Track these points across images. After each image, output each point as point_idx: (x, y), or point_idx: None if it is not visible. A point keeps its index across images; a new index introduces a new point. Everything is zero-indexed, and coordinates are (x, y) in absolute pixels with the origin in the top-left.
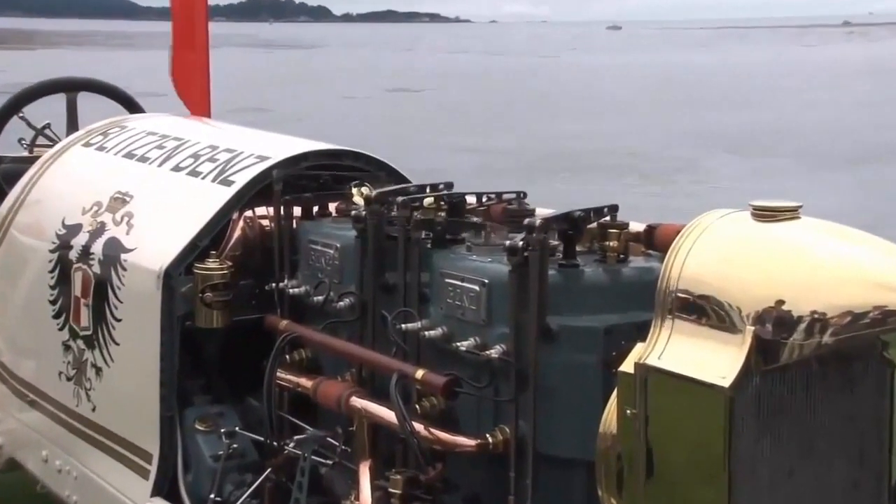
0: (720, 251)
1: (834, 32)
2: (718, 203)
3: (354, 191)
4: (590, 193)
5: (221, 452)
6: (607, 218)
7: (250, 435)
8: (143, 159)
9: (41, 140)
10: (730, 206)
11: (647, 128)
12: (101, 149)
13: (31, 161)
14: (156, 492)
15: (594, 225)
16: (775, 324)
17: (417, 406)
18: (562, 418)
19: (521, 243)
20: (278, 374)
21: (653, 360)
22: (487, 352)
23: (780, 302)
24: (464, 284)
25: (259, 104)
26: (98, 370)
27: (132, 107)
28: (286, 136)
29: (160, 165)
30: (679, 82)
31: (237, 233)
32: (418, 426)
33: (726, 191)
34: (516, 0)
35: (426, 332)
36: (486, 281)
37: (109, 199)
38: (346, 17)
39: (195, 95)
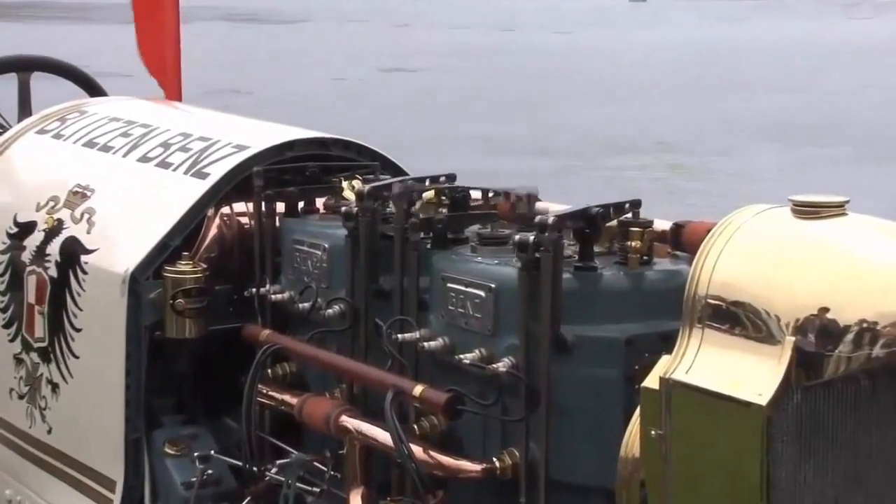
0: (756, 252)
1: (890, 3)
2: (758, 198)
3: (345, 184)
4: (610, 187)
5: (194, 479)
6: (629, 215)
7: (227, 459)
8: (105, 148)
9: None
10: (772, 202)
11: (676, 113)
12: (57, 136)
13: None
14: None
15: (614, 223)
16: (819, 334)
17: (416, 426)
18: (578, 440)
19: (531, 238)
20: (259, 390)
21: (680, 375)
22: (494, 365)
23: (825, 309)
24: (468, 290)
25: (237, 86)
26: (55, 387)
27: (93, 89)
28: (268, 123)
29: (125, 155)
30: (712, 62)
31: (213, 231)
32: (416, 449)
33: (767, 184)
34: None
35: (425, 344)
36: (493, 286)
37: (68, 194)
38: None
39: (163, 76)
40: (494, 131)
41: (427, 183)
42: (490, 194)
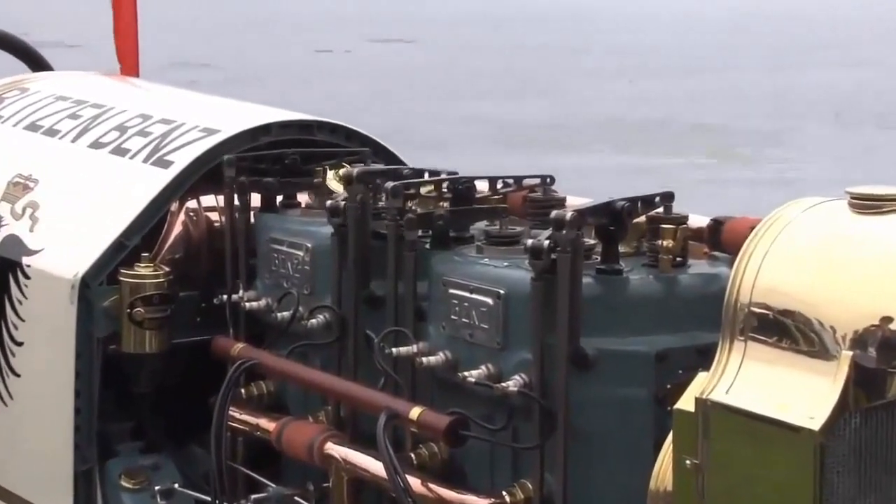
0: (807, 253)
1: None
2: (811, 190)
3: (330, 174)
4: (640, 176)
5: None
6: (660, 209)
7: (194, 494)
8: (51, 132)
9: None
10: (826, 194)
11: (717, 90)
12: None
13: None
14: None
15: (642, 219)
16: (880, 347)
17: (413, 455)
18: (601, 470)
19: (547, 242)
20: (231, 413)
21: (719, 395)
22: (503, 384)
23: (888, 319)
24: (473, 296)
25: (205, 58)
26: None
27: (35, 63)
28: (241, 103)
29: (74, 141)
30: (758, 30)
31: (177, 229)
32: (414, 481)
33: (822, 173)
34: None
35: (424, 359)
36: (502, 292)
37: (7, 185)
38: None
39: (118, 46)
40: (505, 114)
41: (426, 174)
42: (499, 185)
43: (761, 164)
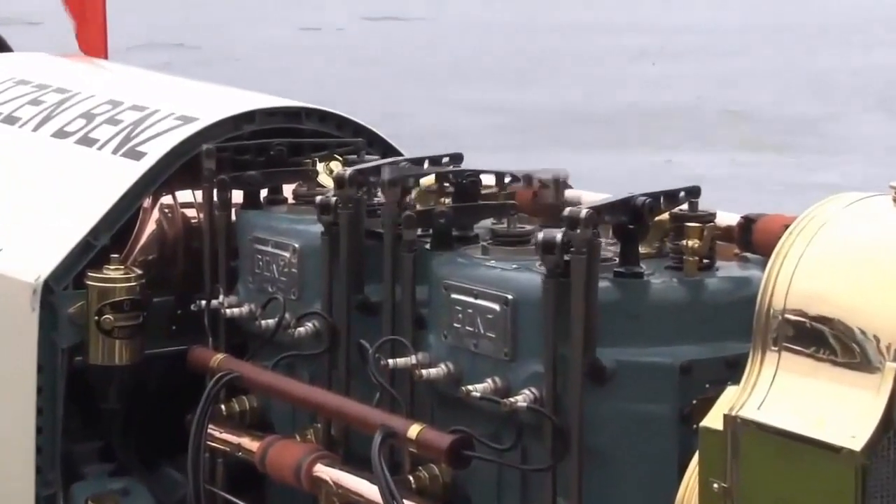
0: (847, 254)
1: None
2: (854, 185)
3: (320, 167)
4: (663, 169)
5: None
6: (684, 206)
7: None
8: (10, 120)
9: None
10: (869, 189)
11: (752, 73)
12: None
13: None
14: None
15: (665, 216)
16: None
17: (411, 478)
18: (618, 495)
19: (559, 235)
20: (210, 431)
21: (750, 412)
22: (512, 399)
23: None
24: (478, 302)
25: (179, 38)
26: None
27: None
28: (220, 88)
29: (36, 129)
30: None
31: (150, 228)
32: None
33: (867, 166)
34: None
35: (424, 371)
36: (511, 297)
37: None
38: None
39: (84, 24)
40: (513, 101)
41: (426, 165)
42: (506, 179)
43: (798, 154)
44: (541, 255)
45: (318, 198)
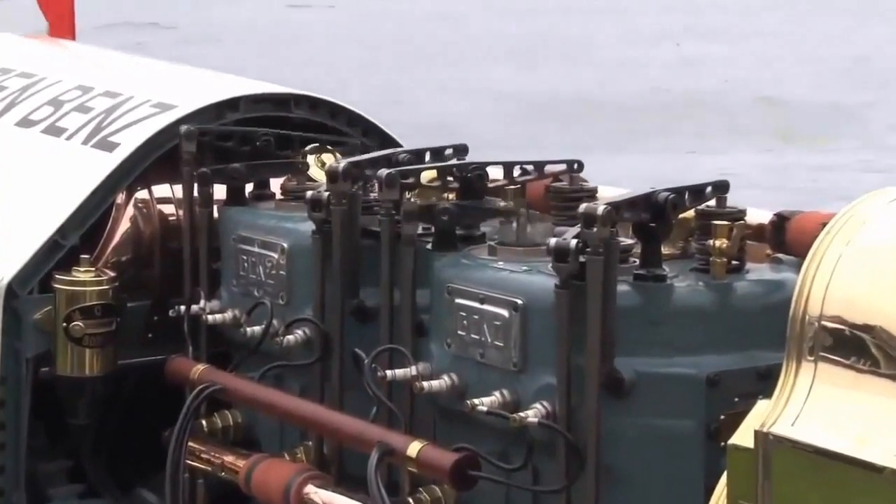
0: (890, 255)
1: None
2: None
3: (311, 159)
4: (688, 163)
5: None
6: (711, 202)
7: None
8: None
9: None
10: None
11: (787, 57)
12: None
13: None
14: None
15: (690, 213)
16: None
17: (411, 500)
18: None
19: (573, 242)
20: (190, 449)
21: (783, 428)
22: (522, 414)
23: None
24: (485, 308)
25: (152, 16)
26: None
27: None
28: (201, 72)
29: None
30: None
31: (124, 226)
32: None
33: None
34: None
35: (425, 383)
36: (520, 302)
37: None
38: None
39: (49, 1)
40: (525, 86)
41: (427, 158)
42: (516, 172)
43: (837, 145)
44: (553, 263)
45: (309, 192)
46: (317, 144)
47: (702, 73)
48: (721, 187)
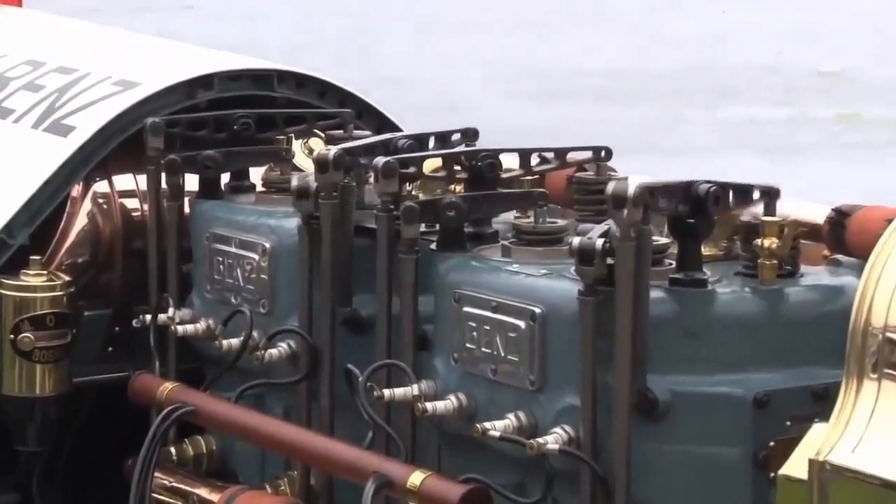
0: None
1: None
2: None
3: (297, 145)
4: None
5: None
6: (758, 196)
7: None
8: None
9: None
10: None
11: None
12: None
13: None
14: None
15: (735, 210)
16: None
17: None
18: None
19: (600, 241)
20: (157, 480)
21: (842, 456)
22: (541, 440)
23: None
24: (497, 317)
25: None
26: None
27: None
28: (169, 44)
29: None
30: None
31: (80, 223)
32: None
33: None
34: None
35: (428, 405)
36: (539, 310)
37: None
38: None
39: None
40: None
41: (431, 144)
42: (534, 161)
43: None
44: (577, 266)
45: (295, 182)
46: (304, 127)
47: (747, 43)
48: (771, 193)
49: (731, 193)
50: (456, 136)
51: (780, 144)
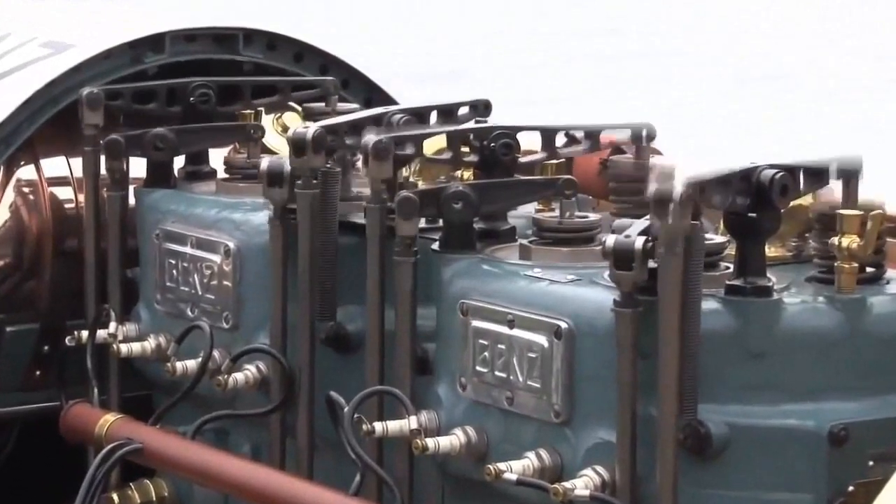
0: None
1: None
2: None
3: (268, 121)
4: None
5: None
6: (832, 185)
7: None
8: None
9: None
10: None
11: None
12: None
13: None
14: None
15: (805, 200)
16: None
17: None
18: None
19: (640, 240)
20: None
21: None
22: (567, 484)
23: None
24: (514, 334)
25: None
26: None
27: None
28: (113, 5)
29: None
30: None
31: (2, 216)
32: None
33: None
34: None
35: (430, 441)
36: (565, 325)
37: None
38: None
39: None
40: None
41: (433, 119)
42: (560, 141)
43: None
44: (612, 271)
45: (265, 166)
46: (276, 99)
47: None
48: (852, 170)
49: (801, 176)
50: (464, 110)
51: None
